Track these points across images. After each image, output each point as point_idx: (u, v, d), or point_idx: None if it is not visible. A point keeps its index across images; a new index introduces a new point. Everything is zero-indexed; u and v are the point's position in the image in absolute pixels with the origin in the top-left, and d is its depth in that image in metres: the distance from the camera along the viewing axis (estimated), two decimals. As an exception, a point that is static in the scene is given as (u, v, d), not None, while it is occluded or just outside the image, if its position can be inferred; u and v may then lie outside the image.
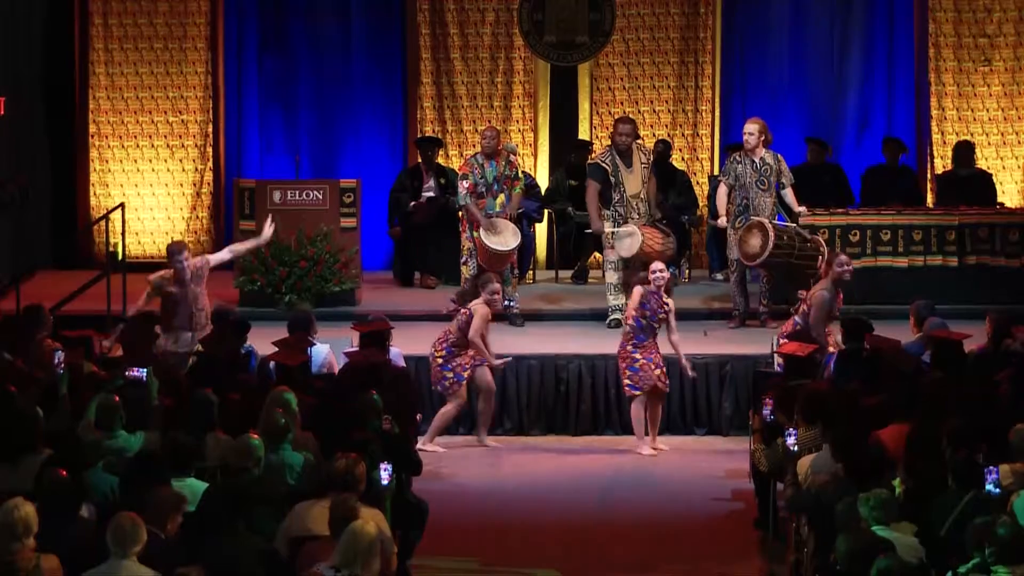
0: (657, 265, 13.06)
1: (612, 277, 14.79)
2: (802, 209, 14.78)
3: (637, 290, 13.00)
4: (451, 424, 13.33)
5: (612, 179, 14.72)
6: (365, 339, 12.02)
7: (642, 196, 14.79)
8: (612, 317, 14.67)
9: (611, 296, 14.78)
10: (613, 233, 14.63)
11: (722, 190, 14.87)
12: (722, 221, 14.86)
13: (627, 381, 12.96)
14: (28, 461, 8.98)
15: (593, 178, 14.84)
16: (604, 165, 14.80)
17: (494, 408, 13.36)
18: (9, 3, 16.92)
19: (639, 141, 15.32)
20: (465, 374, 12.99)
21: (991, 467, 8.59)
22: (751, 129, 14.73)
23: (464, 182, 14.95)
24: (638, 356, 12.89)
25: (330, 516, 7.99)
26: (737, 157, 14.86)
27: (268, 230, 13.89)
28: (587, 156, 16.76)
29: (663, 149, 16.91)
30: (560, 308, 15.48)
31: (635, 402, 13.01)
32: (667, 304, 12.91)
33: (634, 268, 14.42)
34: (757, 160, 14.71)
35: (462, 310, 13.05)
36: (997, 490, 8.49)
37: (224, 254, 13.81)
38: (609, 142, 15.25)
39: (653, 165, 15.19)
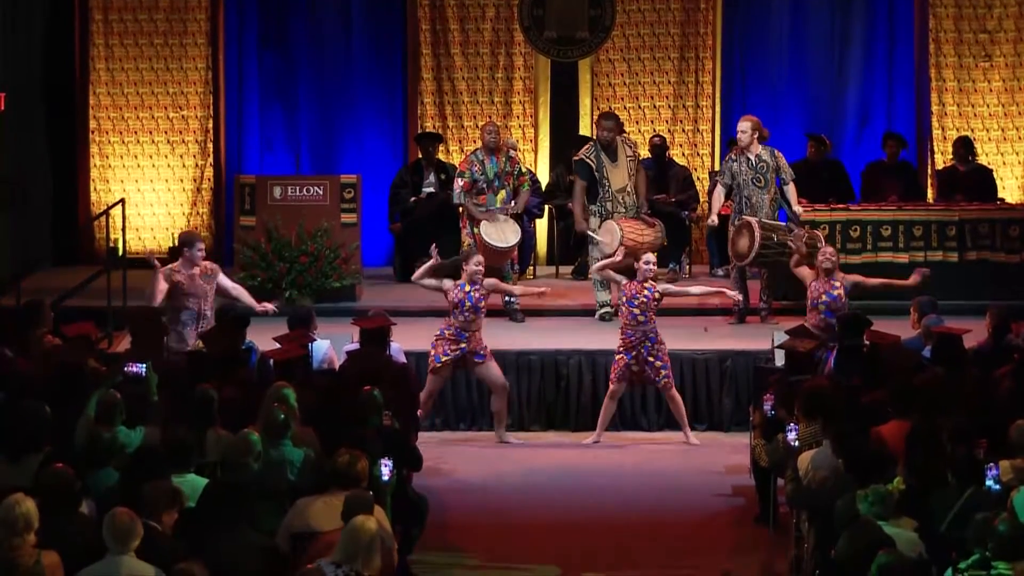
0: (648, 257, 13.12)
1: (597, 274, 14.83)
2: (798, 209, 14.76)
3: (613, 276, 13.33)
4: (428, 410, 13.25)
5: (597, 174, 14.75)
6: (366, 335, 12.01)
7: (628, 190, 14.81)
8: (601, 311, 14.76)
9: (597, 292, 14.85)
10: (593, 232, 14.65)
11: (718, 191, 14.87)
12: (712, 219, 14.89)
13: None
14: (31, 458, 8.98)
15: (579, 175, 14.90)
16: (589, 161, 14.83)
17: (507, 404, 13.29)
18: (10, 0, 16.93)
19: (624, 135, 15.35)
20: (444, 358, 12.96)
21: (991, 463, 8.60)
22: (744, 127, 14.72)
23: (460, 180, 14.99)
24: (620, 350, 13.01)
25: (344, 509, 8.00)
26: (733, 156, 14.86)
27: (267, 307, 13.14)
28: (588, 152, 16.82)
29: (660, 143, 16.92)
30: (560, 304, 15.47)
31: (609, 392, 13.17)
32: (647, 291, 12.91)
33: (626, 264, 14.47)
34: (753, 157, 14.70)
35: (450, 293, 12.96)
36: (997, 486, 8.50)
37: (233, 284, 13.51)
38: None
39: (652, 160, 15.13)
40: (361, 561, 7.41)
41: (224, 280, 13.08)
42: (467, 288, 12.86)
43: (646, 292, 12.95)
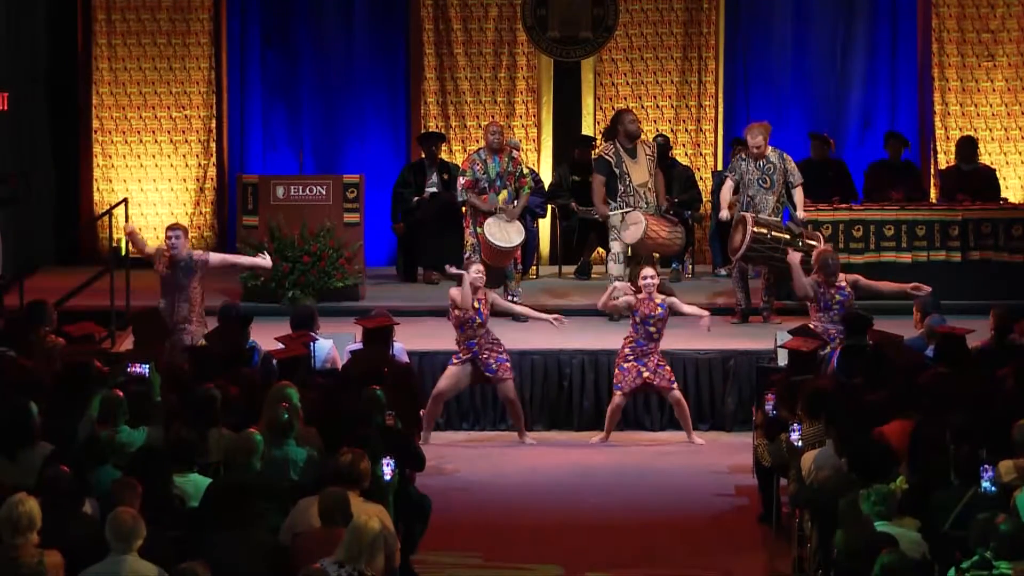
0: (648, 271, 13.09)
1: (616, 270, 14.74)
2: (802, 215, 14.73)
3: (623, 299, 13.16)
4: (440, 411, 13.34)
5: (617, 170, 14.77)
6: (368, 335, 12.02)
7: (649, 186, 14.84)
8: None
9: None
10: (621, 218, 14.64)
11: (727, 185, 14.90)
12: (724, 214, 14.93)
13: (615, 379, 13.11)
14: (26, 456, 8.98)
15: (598, 171, 14.94)
16: (607, 157, 14.88)
17: (521, 414, 13.36)
18: (13, -1, 16.96)
19: (641, 137, 15.39)
20: (456, 361, 13.03)
21: (986, 464, 8.59)
22: (758, 142, 14.68)
23: (461, 178, 15.01)
24: (630, 358, 12.99)
25: (320, 507, 8.00)
26: (743, 155, 14.88)
27: (267, 260, 13.54)
28: (590, 151, 16.80)
29: (663, 143, 16.92)
30: (563, 303, 15.46)
31: (614, 399, 13.15)
32: (660, 308, 12.91)
33: (639, 260, 14.45)
34: (761, 159, 14.71)
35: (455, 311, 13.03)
36: (993, 487, 8.50)
37: (230, 257, 13.67)
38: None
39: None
40: (364, 561, 7.42)
41: (220, 257, 13.25)
42: (476, 305, 12.88)
43: (659, 310, 12.94)
